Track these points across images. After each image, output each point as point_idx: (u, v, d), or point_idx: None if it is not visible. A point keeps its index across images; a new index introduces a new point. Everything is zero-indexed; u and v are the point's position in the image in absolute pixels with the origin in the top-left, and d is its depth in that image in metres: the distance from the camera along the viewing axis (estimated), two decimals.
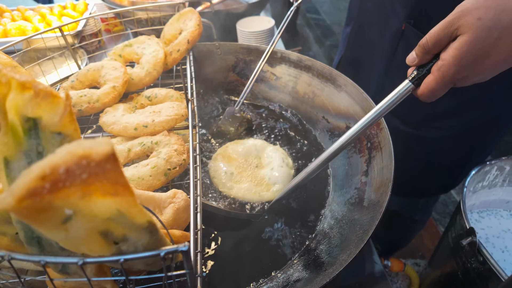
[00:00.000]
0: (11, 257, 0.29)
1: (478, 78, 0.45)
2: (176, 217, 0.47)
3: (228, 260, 0.59)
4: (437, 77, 0.45)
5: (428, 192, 1.04)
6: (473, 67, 0.43)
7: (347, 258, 0.48)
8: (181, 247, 0.30)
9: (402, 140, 0.87)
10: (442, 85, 0.45)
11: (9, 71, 0.27)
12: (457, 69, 0.43)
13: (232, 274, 0.57)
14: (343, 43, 1.02)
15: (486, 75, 0.44)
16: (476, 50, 0.41)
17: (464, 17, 0.41)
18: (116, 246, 0.30)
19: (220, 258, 0.59)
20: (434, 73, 0.46)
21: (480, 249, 0.63)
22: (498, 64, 0.42)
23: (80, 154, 0.22)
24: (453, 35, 0.43)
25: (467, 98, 0.75)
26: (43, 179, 0.22)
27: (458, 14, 0.42)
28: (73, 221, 0.26)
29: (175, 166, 0.58)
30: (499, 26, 0.40)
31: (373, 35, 0.87)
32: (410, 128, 0.85)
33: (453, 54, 0.43)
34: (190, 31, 0.83)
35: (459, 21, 0.42)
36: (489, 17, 0.40)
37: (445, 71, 0.44)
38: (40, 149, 0.30)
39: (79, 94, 0.70)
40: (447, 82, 0.45)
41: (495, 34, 0.40)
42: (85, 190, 0.24)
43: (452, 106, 0.77)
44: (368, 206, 0.59)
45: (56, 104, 0.28)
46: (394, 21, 0.76)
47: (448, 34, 0.43)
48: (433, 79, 0.46)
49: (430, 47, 0.45)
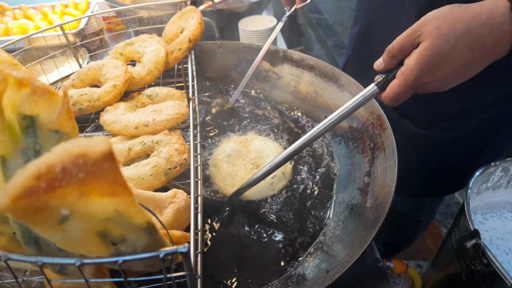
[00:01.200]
0: (7, 257, 0.28)
1: (439, 85, 0.48)
2: (176, 217, 0.47)
3: (227, 260, 0.58)
4: (401, 81, 0.48)
5: (435, 193, 1.04)
6: (433, 72, 0.46)
7: (350, 260, 0.47)
8: (181, 249, 0.29)
9: (412, 141, 0.87)
10: (405, 89, 0.48)
11: (6, 67, 0.26)
12: (418, 74, 0.46)
13: (231, 273, 0.56)
14: (350, 43, 1.01)
15: (446, 83, 0.47)
16: (434, 55, 0.44)
17: (425, 26, 0.45)
18: (114, 247, 0.29)
19: (218, 256, 0.59)
20: (398, 78, 0.48)
21: (484, 251, 0.62)
22: (455, 71, 0.46)
23: (76, 152, 0.21)
24: (415, 42, 0.46)
25: (478, 98, 0.75)
26: (38, 178, 0.21)
27: (420, 23, 0.46)
28: (70, 222, 0.25)
29: (176, 165, 0.57)
30: (454, 34, 0.43)
31: (382, 34, 0.86)
32: (420, 128, 0.85)
33: (415, 58, 0.46)
34: (192, 30, 0.83)
35: (421, 29, 0.45)
36: (446, 26, 0.44)
37: (408, 75, 0.47)
38: (37, 147, 0.29)
39: (80, 93, 0.70)
40: (409, 86, 0.48)
41: (451, 41, 0.44)
42: (82, 189, 0.23)
43: (464, 106, 0.77)
44: (371, 207, 0.59)
45: (54, 102, 0.27)
46: (405, 20, 0.76)
47: (411, 41, 0.46)
48: (397, 83, 0.48)
49: (396, 52, 0.48)
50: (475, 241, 0.62)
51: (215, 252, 0.59)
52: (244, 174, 0.73)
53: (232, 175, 0.73)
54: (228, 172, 0.73)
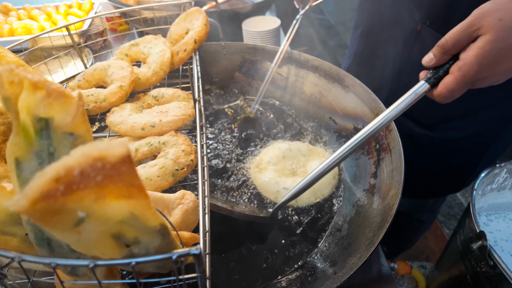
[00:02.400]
0: (21, 259, 0.29)
1: (496, 79, 0.45)
2: (185, 218, 0.47)
3: (234, 259, 0.58)
4: (457, 77, 0.45)
5: (439, 192, 1.04)
6: (494, 67, 0.43)
7: (357, 262, 0.47)
8: (193, 251, 0.29)
9: (416, 142, 0.87)
10: (461, 85, 0.46)
11: (21, 70, 0.27)
12: (479, 69, 0.44)
13: (238, 274, 0.56)
14: (353, 46, 1.01)
15: (503, 76, 0.45)
16: (498, 49, 0.42)
17: (485, 18, 0.42)
18: (127, 249, 0.29)
19: (226, 256, 0.59)
20: (454, 73, 0.46)
21: (491, 253, 0.62)
22: None
23: (95, 156, 0.21)
24: (473, 36, 0.44)
25: (485, 98, 0.75)
26: (57, 181, 0.21)
27: (478, 16, 0.43)
28: (86, 224, 0.25)
29: (183, 166, 0.57)
30: None
31: (385, 37, 0.86)
32: (424, 129, 0.85)
33: (475, 53, 0.43)
34: (197, 31, 0.83)
35: (480, 22, 0.43)
36: (509, 18, 0.41)
37: (467, 70, 0.44)
38: (51, 149, 0.29)
39: (86, 94, 0.70)
40: (467, 82, 0.45)
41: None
42: (99, 192, 0.23)
43: (470, 106, 0.77)
44: (377, 208, 0.59)
45: (69, 105, 0.28)
46: (409, 22, 0.76)
47: (468, 35, 0.44)
48: (453, 79, 0.46)
49: (450, 47, 0.46)
50: (481, 243, 0.62)
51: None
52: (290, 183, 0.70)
53: (277, 181, 0.70)
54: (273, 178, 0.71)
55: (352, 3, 3.87)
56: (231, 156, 0.79)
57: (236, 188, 0.71)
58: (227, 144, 0.82)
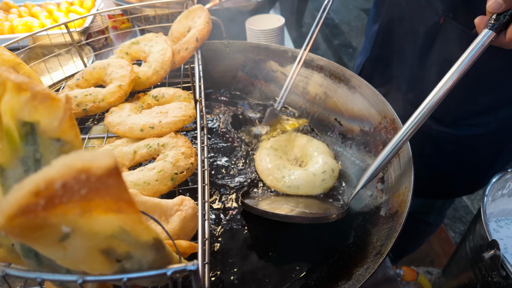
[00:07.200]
0: (5, 273, 0.27)
1: None
2: (183, 226, 0.45)
3: (238, 262, 0.56)
4: None
5: (453, 193, 1.01)
6: None
7: (364, 273, 0.45)
8: (190, 266, 0.27)
9: (433, 140, 0.84)
10: None
11: (4, 70, 0.24)
12: None
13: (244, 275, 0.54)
14: (370, 42, 0.98)
15: None
16: None
17: None
18: (119, 263, 0.27)
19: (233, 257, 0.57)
20: None
21: (503, 263, 0.59)
22: None
23: (79, 167, 0.19)
24: None
25: (506, 92, 0.73)
26: (36, 195, 0.19)
27: None
28: (72, 239, 0.23)
29: (183, 170, 0.55)
30: None
31: (404, 31, 0.83)
32: (443, 126, 0.82)
33: None
34: (199, 29, 0.81)
35: None
36: None
37: None
38: (37, 156, 0.27)
39: (84, 93, 0.68)
40: None
41: None
42: (84, 206, 0.21)
43: (492, 102, 0.75)
44: (385, 215, 0.56)
45: (55, 108, 0.25)
46: (431, 15, 0.73)
47: None
48: None
49: None
50: (494, 253, 0.60)
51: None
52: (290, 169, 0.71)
53: (279, 168, 0.70)
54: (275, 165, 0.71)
55: (357, 2, 3.83)
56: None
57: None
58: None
